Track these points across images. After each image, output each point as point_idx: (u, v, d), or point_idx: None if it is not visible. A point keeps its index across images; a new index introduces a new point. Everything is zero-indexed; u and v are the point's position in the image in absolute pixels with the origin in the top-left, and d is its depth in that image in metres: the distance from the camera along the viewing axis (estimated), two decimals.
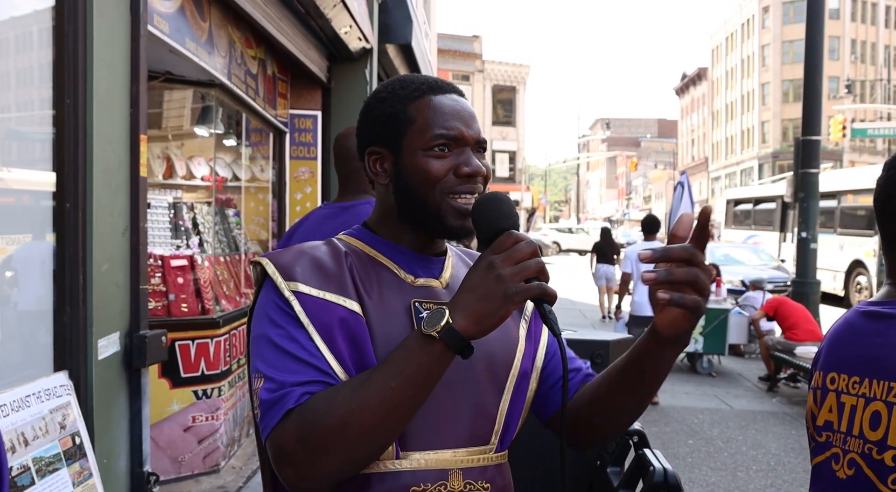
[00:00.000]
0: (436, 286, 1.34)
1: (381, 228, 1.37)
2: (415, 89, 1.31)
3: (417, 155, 1.27)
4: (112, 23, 2.98)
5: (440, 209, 1.27)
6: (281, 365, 1.17)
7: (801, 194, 10.26)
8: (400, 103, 1.30)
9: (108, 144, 2.95)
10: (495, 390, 1.31)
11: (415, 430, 1.21)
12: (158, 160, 5.69)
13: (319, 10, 5.88)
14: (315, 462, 1.10)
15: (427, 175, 1.26)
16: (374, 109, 1.34)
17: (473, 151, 1.30)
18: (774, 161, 53.19)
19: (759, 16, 57.24)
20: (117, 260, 3.04)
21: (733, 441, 6.60)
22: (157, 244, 4.94)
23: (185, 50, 4.31)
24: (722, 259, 16.07)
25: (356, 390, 1.10)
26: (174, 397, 4.55)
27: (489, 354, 1.31)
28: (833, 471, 1.37)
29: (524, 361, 1.37)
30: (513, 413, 1.34)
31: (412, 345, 1.10)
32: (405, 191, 1.29)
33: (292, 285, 1.22)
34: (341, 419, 1.08)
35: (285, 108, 6.96)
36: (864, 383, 1.34)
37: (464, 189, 1.27)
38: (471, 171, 1.27)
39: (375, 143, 1.33)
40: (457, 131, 1.28)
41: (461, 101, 1.33)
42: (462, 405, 1.26)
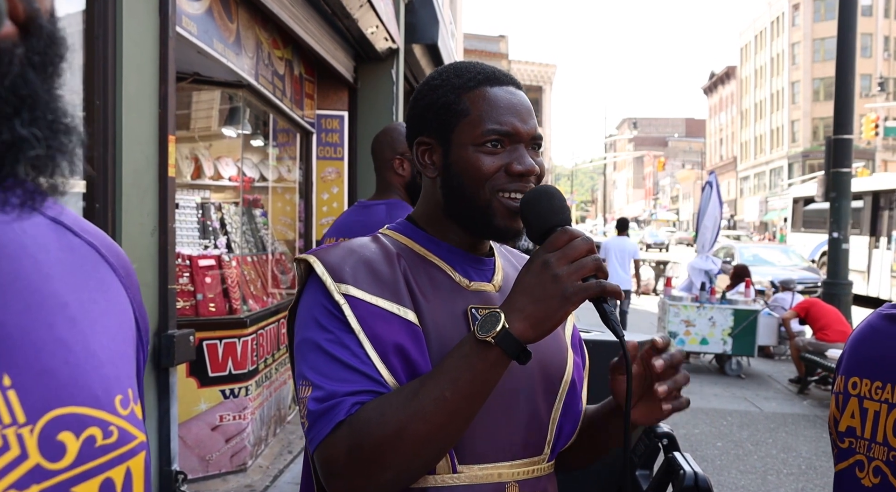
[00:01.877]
0: (489, 290, 1.28)
1: (427, 225, 1.30)
2: (469, 79, 1.24)
3: (468, 150, 1.21)
4: (141, 25, 3.00)
5: (489, 208, 1.21)
6: (330, 373, 1.10)
7: (833, 194, 10.12)
8: (453, 93, 1.24)
9: (138, 144, 2.97)
10: (548, 397, 1.27)
11: (471, 441, 1.17)
12: (186, 161, 5.74)
13: (346, 10, 5.89)
14: (367, 475, 1.05)
15: (477, 172, 1.20)
16: (426, 98, 1.27)
17: (528, 147, 1.23)
18: (804, 161, 52.56)
19: (790, 13, 56.59)
20: (146, 260, 3.07)
21: (763, 444, 6.52)
22: (185, 244, 4.98)
23: (213, 51, 4.33)
24: (751, 259, 15.90)
25: (409, 400, 1.04)
26: (202, 396, 4.58)
27: (543, 359, 1.26)
28: (858, 478, 1.34)
29: (575, 371, 1.33)
30: (564, 422, 1.29)
31: (466, 351, 1.04)
32: (453, 186, 1.23)
33: (343, 287, 1.15)
34: (395, 430, 1.03)
35: (312, 109, 6.98)
36: (886, 388, 1.30)
37: (514, 187, 1.20)
38: (523, 169, 1.20)
39: (425, 133, 1.27)
40: (510, 127, 1.21)
41: (518, 93, 1.26)
42: (518, 414, 1.22)
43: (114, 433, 0.62)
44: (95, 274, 0.70)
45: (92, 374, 0.62)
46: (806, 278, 14.70)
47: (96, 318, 0.66)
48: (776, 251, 17.68)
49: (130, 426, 0.65)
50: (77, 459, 0.58)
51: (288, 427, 5.75)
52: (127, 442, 0.63)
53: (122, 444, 0.63)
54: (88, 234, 0.73)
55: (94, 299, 0.68)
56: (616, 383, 1.19)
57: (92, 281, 0.69)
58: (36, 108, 0.52)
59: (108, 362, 0.65)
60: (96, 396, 0.61)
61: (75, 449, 0.58)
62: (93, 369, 0.62)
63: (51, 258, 0.64)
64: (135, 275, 0.78)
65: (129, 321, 0.73)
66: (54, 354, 0.59)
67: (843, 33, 9.86)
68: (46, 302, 0.61)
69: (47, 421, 0.56)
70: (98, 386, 0.62)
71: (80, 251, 0.69)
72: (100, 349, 0.64)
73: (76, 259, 0.68)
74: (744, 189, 66.56)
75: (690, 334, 9.28)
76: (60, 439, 0.57)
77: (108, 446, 0.61)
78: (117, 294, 0.72)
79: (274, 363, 5.43)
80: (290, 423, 5.81)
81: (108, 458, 0.61)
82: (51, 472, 0.55)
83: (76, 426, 0.58)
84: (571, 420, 1.30)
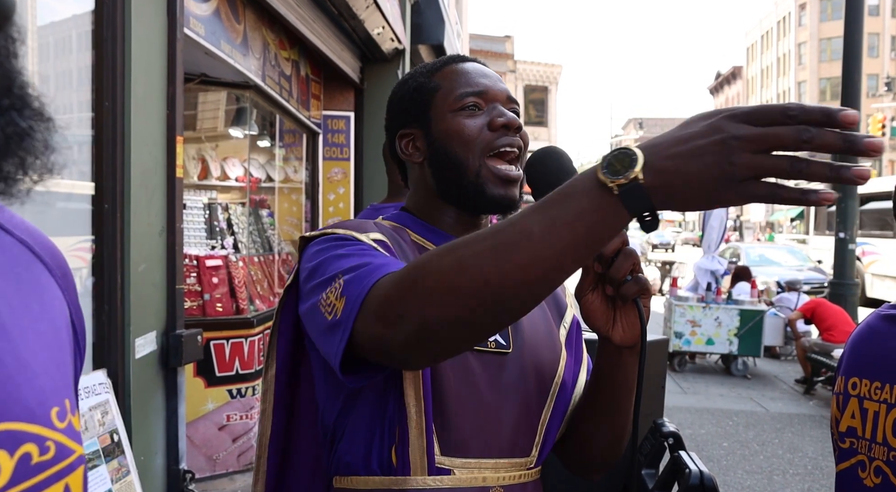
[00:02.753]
0: None
1: (421, 213, 1.28)
2: (436, 63, 1.28)
3: (447, 118, 1.20)
4: (149, 26, 3.02)
5: (479, 176, 1.18)
6: (363, 259, 1.03)
7: (839, 195, 10.10)
8: (423, 77, 1.26)
9: (146, 145, 2.99)
10: (540, 397, 1.22)
11: (457, 431, 1.13)
12: (193, 161, 5.76)
13: (352, 11, 5.90)
14: (419, 309, 0.86)
15: (460, 136, 1.18)
16: (398, 93, 1.29)
17: (506, 108, 1.22)
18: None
19: (796, 13, 56.46)
20: (154, 260, 3.08)
21: (769, 444, 6.52)
22: (193, 244, 5.00)
23: (220, 52, 4.35)
24: (757, 260, 15.86)
25: (482, 234, 0.84)
26: (209, 395, 4.60)
27: (538, 357, 1.23)
28: (860, 478, 1.35)
29: (566, 371, 1.28)
30: (552, 425, 1.25)
31: (579, 188, 0.80)
32: (442, 160, 1.21)
33: (371, 236, 1.14)
34: (458, 262, 0.83)
35: (318, 110, 7.00)
36: (885, 388, 1.31)
37: (503, 143, 1.18)
38: (505, 121, 1.18)
39: (405, 124, 1.27)
40: (483, 87, 1.21)
41: (484, 67, 1.27)
42: (509, 411, 1.17)
43: (51, 449, 0.57)
44: (28, 276, 0.65)
45: (25, 386, 0.57)
46: (812, 279, 14.66)
47: (29, 324, 0.61)
48: (783, 252, 17.63)
49: (68, 440, 0.60)
50: (11, 479, 0.53)
51: None
52: (65, 457, 0.59)
53: (59, 459, 0.58)
54: (21, 230, 0.67)
55: (27, 305, 0.63)
56: (586, 303, 1.08)
57: (24, 284, 0.64)
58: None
59: (42, 373, 0.60)
60: (31, 409, 0.57)
61: (9, 468, 0.53)
62: (26, 381, 0.58)
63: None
64: (71, 275, 0.72)
65: (66, 326, 0.68)
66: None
67: (849, 33, 9.85)
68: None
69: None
70: (32, 399, 0.57)
71: (12, 250, 0.64)
72: (33, 359, 0.60)
73: (6, 260, 0.63)
74: None
75: (696, 335, 9.27)
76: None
77: (45, 463, 0.57)
78: (52, 297, 0.67)
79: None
80: None
81: (46, 475, 0.57)
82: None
83: (10, 444, 0.54)
84: (559, 422, 1.26)
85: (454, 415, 1.13)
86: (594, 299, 1.08)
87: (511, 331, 1.22)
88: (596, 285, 1.08)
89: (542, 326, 1.28)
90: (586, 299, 1.08)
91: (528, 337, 1.24)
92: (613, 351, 1.13)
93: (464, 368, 1.15)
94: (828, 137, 0.68)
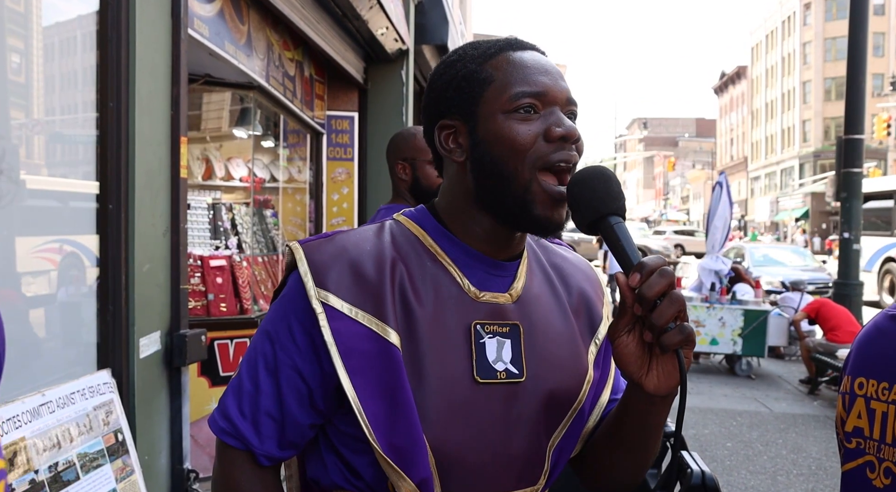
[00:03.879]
0: (503, 302, 1.11)
1: (448, 216, 1.14)
2: (489, 47, 1.12)
3: (497, 119, 1.05)
4: (154, 27, 3.03)
5: (528, 191, 1.04)
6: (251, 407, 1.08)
7: (844, 194, 10.08)
8: (473, 63, 1.10)
9: (150, 146, 3.00)
10: (550, 425, 1.13)
11: (460, 471, 1.05)
12: (198, 161, 5.78)
13: (356, 11, 5.91)
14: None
15: (512, 143, 1.04)
16: (444, 76, 1.13)
17: (564, 112, 1.08)
18: (816, 161, 52.32)
19: (801, 13, 56.34)
20: (158, 260, 3.10)
21: (773, 445, 6.51)
22: (197, 245, 5.01)
23: (224, 53, 4.36)
24: (761, 260, 15.85)
25: None
26: (213, 395, 4.61)
27: (557, 384, 1.13)
28: (869, 479, 1.34)
29: (590, 393, 1.19)
30: (563, 451, 1.17)
31: None
32: (486, 166, 1.06)
33: (322, 294, 1.03)
34: None
35: (322, 110, 7.01)
36: (893, 389, 1.31)
37: (560, 157, 1.04)
38: (564, 132, 1.04)
39: (446, 114, 1.12)
40: (542, 86, 1.06)
41: (545, 57, 1.12)
42: (518, 443, 1.09)
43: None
44: None
45: None
46: (816, 279, 14.63)
47: None
48: (787, 252, 17.61)
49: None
50: None
51: None
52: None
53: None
54: None
55: None
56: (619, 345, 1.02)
57: None
58: None
59: None
60: None
61: None
62: None
63: None
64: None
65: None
66: None
67: (853, 32, 9.82)
68: None
69: None
70: None
71: None
72: None
73: None
74: (755, 189, 66.27)
75: (700, 335, 9.27)
76: None
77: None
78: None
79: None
80: None
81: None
82: None
83: None
84: (572, 442, 1.18)
85: (456, 453, 1.05)
86: (629, 343, 1.00)
87: (525, 357, 1.11)
88: (633, 327, 1.00)
89: (565, 348, 1.17)
90: (620, 341, 1.00)
91: (546, 362, 1.13)
92: (645, 398, 1.04)
93: (465, 403, 1.06)
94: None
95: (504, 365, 1.09)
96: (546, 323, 1.16)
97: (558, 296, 1.21)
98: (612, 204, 1.00)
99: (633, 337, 0.99)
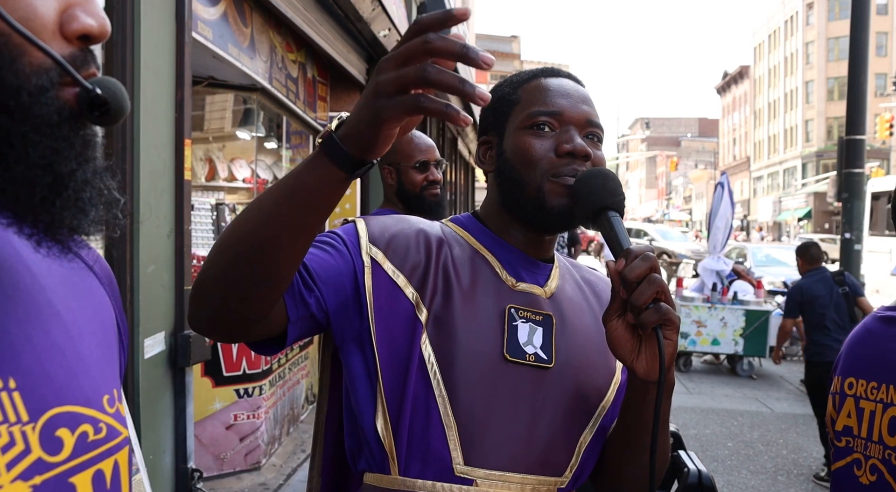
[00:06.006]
0: (538, 294, 1.21)
1: (488, 221, 1.26)
2: (528, 73, 1.26)
3: (516, 134, 1.18)
4: (158, 30, 3.06)
5: (541, 191, 1.15)
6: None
7: (845, 195, 10.08)
8: (510, 87, 1.24)
9: (154, 148, 3.03)
10: (582, 417, 1.17)
11: (482, 443, 1.09)
12: (201, 162, 5.81)
13: (359, 13, 5.94)
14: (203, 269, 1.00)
15: (526, 154, 1.16)
16: (492, 99, 1.25)
17: (581, 133, 1.17)
18: (818, 160, 52.26)
19: (804, 12, 56.28)
20: (163, 262, 3.12)
21: (774, 445, 6.52)
22: (201, 245, 5.04)
23: (227, 55, 4.39)
24: (763, 260, 15.84)
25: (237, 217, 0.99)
26: (217, 395, 4.64)
27: (585, 377, 1.19)
28: (856, 477, 1.37)
29: (617, 395, 1.22)
30: (593, 448, 1.19)
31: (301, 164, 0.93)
32: (506, 175, 1.19)
33: (373, 250, 1.14)
34: (219, 242, 0.99)
35: (325, 111, 7.04)
36: (881, 388, 1.33)
37: (568, 171, 1.14)
38: (571, 148, 1.14)
39: (486, 131, 1.26)
40: (557, 107, 1.17)
41: (573, 84, 1.23)
42: (543, 426, 1.13)
43: (103, 429, 0.67)
44: (83, 284, 0.76)
45: (82, 376, 0.67)
46: None
47: (84, 325, 0.72)
48: (789, 252, 17.59)
49: (116, 423, 0.70)
50: (73, 452, 0.63)
51: (301, 426, 5.80)
52: (114, 437, 0.69)
53: (110, 439, 0.68)
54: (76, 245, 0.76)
55: (83, 308, 0.73)
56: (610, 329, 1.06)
57: (80, 291, 0.74)
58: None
59: (95, 365, 0.70)
60: (87, 396, 0.67)
61: (71, 444, 0.63)
62: (83, 371, 0.68)
63: (44, 270, 0.70)
64: (115, 283, 0.84)
65: (112, 328, 0.79)
66: (52, 358, 0.65)
67: (855, 32, 9.83)
68: (42, 311, 0.67)
69: (47, 419, 0.62)
70: (88, 387, 0.67)
71: (70, 263, 0.74)
72: (88, 354, 0.70)
73: (66, 271, 0.73)
74: (757, 189, 66.21)
75: (702, 335, 9.28)
76: (58, 434, 0.62)
77: (99, 441, 0.66)
78: (102, 302, 0.78)
79: (287, 363, 5.49)
80: (303, 422, 5.87)
81: (99, 451, 0.66)
82: (51, 464, 0.61)
83: (71, 423, 0.64)
84: (599, 444, 1.21)
85: (480, 426, 1.10)
86: (618, 326, 1.05)
87: (555, 346, 1.17)
88: (623, 312, 1.05)
89: (596, 345, 1.22)
90: (611, 325, 1.05)
91: (575, 354, 1.19)
92: (640, 385, 1.08)
93: (494, 378, 1.12)
94: (446, 77, 0.77)
95: (534, 349, 1.15)
96: (578, 321, 1.23)
97: (590, 303, 1.29)
98: (609, 199, 1.08)
99: (622, 321, 1.05)
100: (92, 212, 0.62)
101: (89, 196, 0.61)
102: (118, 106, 0.61)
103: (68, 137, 0.59)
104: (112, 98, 0.61)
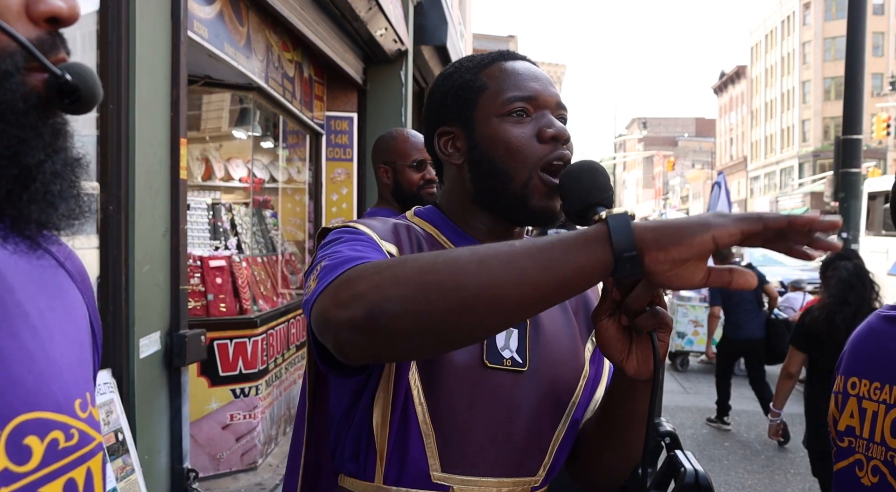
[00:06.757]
0: None
1: (452, 215, 1.23)
2: (483, 58, 1.20)
3: (492, 123, 1.13)
4: (154, 29, 3.05)
5: (526, 187, 1.12)
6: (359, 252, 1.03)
7: (842, 194, 10.09)
8: (469, 73, 1.18)
9: (150, 147, 3.01)
10: (554, 416, 1.18)
11: (460, 449, 1.10)
12: (197, 162, 5.79)
13: (355, 13, 5.93)
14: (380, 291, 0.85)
15: (508, 145, 1.11)
16: (442, 86, 1.21)
17: (554, 115, 1.15)
18: (815, 160, 52.30)
19: (801, 12, 56.34)
20: (158, 261, 3.11)
21: (771, 444, 6.52)
22: (196, 245, 5.03)
23: (223, 54, 4.38)
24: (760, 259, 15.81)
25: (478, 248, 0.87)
26: (213, 395, 4.63)
27: (557, 376, 1.18)
28: (857, 477, 1.36)
29: (584, 391, 1.23)
30: (564, 445, 1.20)
31: (571, 240, 0.84)
32: (483, 166, 1.14)
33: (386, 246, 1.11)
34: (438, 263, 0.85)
35: (321, 111, 7.03)
36: (885, 388, 1.32)
37: (556, 156, 1.11)
38: (555, 132, 1.11)
39: (445, 122, 1.19)
40: (532, 91, 1.14)
41: (535, 67, 1.21)
42: (519, 429, 1.13)
43: (75, 436, 0.64)
44: (53, 282, 0.72)
45: (53, 380, 0.64)
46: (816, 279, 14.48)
47: (55, 326, 0.68)
48: None
49: (89, 428, 0.67)
50: (42, 461, 0.60)
51: None
52: (87, 444, 0.66)
53: (82, 445, 0.65)
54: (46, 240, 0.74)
55: (53, 307, 0.69)
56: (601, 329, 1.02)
57: (50, 289, 0.71)
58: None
59: (66, 368, 0.66)
60: (58, 401, 0.63)
61: (40, 452, 0.60)
62: (53, 375, 0.64)
63: (11, 268, 0.66)
64: (89, 280, 0.80)
65: (85, 327, 0.75)
66: (20, 362, 0.61)
67: (852, 32, 9.83)
68: (10, 312, 0.63)
69: (14, 427, 0.58)
70: (59, 392, 0.64)
71: (39, 260, 0.70)
72: (59, 356, 0.66)
73: (35, 268, 0.70)
74: (754, 189, 66.27)
75: (699, 334, 9.27)
76: (26, 443, 0.59)
77: (70, 448, 0.63)
78: (74, 301, 0.74)
79: (284, 363, 5.48)
80: None
81: (71, 459, 0.63)
82: (18, 475, 0.57)
83: (40, 430, 0.60)
84: (570, 439, 1.22)
85: (458, 433, 1.10)
86: (609, 326, 1.01)
87: (530, 348, 1.16)
88: (614, 312, 1.01)
89: (565, 342, 1.22)
90: (601, 325, 1.02)
91: (547, 354, 1.18)
92: (627, 383, 1.07)
93: (473, 385, 1.11)
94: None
95: (510, 353, 1.14)
96: (549, 319, 1.21)
97: None
98: (599, 194, 1.02)
99: (614, 322, 1.01)
100: (62, 206, 0.58)
101: (59, 189, 0.58)
102: (90, 93, 0.58)
103: (36, 125, 0.56)
104: (83, 84, 0.57)
